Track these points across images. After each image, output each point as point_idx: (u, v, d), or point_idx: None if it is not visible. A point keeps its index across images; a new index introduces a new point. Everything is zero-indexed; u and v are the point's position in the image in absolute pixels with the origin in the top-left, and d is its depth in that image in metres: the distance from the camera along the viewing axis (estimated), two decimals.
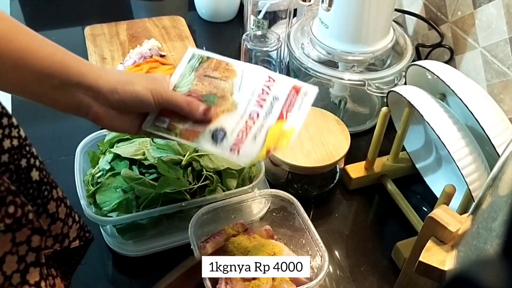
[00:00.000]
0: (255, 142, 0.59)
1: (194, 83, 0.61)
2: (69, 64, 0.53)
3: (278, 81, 0.61)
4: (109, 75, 0.56)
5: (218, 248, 0.67)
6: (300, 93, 0.61)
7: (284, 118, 0.59)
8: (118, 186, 0.69)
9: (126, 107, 0.57)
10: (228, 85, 0.61)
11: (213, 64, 0.63)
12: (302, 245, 0.69)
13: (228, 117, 0.60)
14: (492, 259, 0.31)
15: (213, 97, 0.60)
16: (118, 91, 0.55)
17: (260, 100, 0.60)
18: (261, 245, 0.66)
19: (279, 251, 0.67)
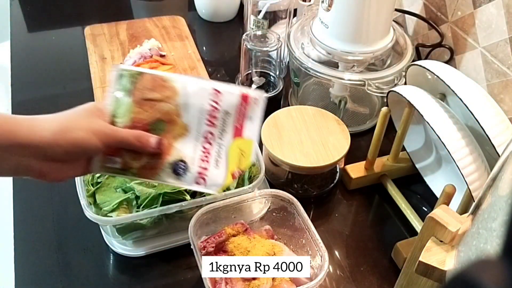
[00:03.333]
0: (219, 168, 0.57)
1: (134, 110, 0.55)
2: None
3: (224, 93, 0.57)
4: (42, 127, 0.49)
5: (218, 248, 0.67)
6: (249, 101, 0.57)
7: (240, 134, 0.57)
8: (118, 186, 0.69)
9: (70, 156, 0.52)
10: (172, 106, 0.55)
11: (149, 82, 0.56)
12: (302, 245, 0.69)
13: (183, 144, 0.56)
14: (492, 259, 0.31)
15: (161, 124, 0.55)
16: (59, 143, 0.49)
17: (211, 118, 0.57)
18: (261, 245, 0.66)
19: (279, 251, 0.67)
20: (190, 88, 0.56)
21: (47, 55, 1.11)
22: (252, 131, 0.58)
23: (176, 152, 0.56)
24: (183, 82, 0.56)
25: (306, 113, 0.85)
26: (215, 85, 0.57)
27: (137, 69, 0.56)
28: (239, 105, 0.57)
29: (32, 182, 0.83)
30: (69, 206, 0.79)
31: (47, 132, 0.49)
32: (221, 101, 0.57)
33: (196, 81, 0.57)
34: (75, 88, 1.03)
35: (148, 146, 0.54)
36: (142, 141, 0.54)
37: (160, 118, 0.56)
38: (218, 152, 0.57)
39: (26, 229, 0.76)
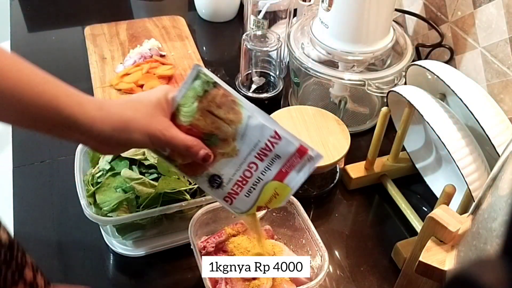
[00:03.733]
0: (248, 198, 0.59)
1: (196, 116, 0.56)
2: (59, 106, 0.48)
3: (283, 139, 0.57)
4: (105, 120, 0.51)
5: (218, 248, 0.67)
6: (304, 157, 0.57)
7: (282, 179, 0.58)
8: (118, 186, 0.69)
9: (124, 149, 0.56)
10: (231, 129, 0.56)
11: (219, 97, 0.56)
12: (302, 245, 0.69)
13: (227, 163, 0.57)
14: (492, 259, 0.31)
15: (215, 138, 0.57)
16: (114, 138, 0.52)
17: (262, 154, 0.57)
18: (261, 245, 0.66)
19: (279, 251, 0.67)
20: (254, 121, 0.56)
21: (47, 55, 1.11)
22: (294, 182, 0.58)
23: (217, 166, 0.58)
24: (251, 112, 0.56)
25: (306, 113, 0.85)
26: (278, 128, 0.57)
27: (215, 79, 0.56)
28: (292, 155, 0.57)
29: (32, 181, 0.84)
30: (69, 206, 0.79)
31: (107, 127, 0.51)
32: (277, 145, 0.57)
33: (262, 117, 0.57)
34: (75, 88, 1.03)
35: (195, 158, 0.56)
36: (191, 152, 0.56)
37: (216, 134, 0.57)
38: (255, 184, 0.58)
39: (26, 229, 0.76)
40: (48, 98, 0.48)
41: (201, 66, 0.56)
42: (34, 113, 0.48)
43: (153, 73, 0.99)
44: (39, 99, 0.48)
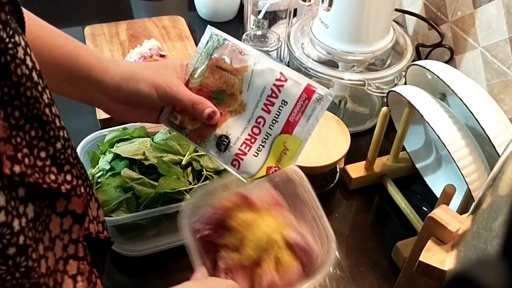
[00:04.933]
0: (257, 158, 0.56)
1: (205, 75, 0.57)
2: (78, 57, 0.53)
3: (290, 81, 0.54)
4: (116, 69, 0.55)
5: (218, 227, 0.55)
6: (312, 98, 0.53)
7: (291, 131, 0.54)
8: (118, 186, 0.69)
9: (133, 104, 0.57)
10: (237, 81, 0.56)
11: (227, 51, 0.57)
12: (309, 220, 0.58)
13: (235, 121, 0.56)
14: (492, 259, 0.31)
15: (223, 95, 0.56)
16: (123, 89, 0.55)
17: (268, 103, 0.55)
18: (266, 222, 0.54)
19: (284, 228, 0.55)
20: (259, 66, 0.55)
21: None
22: (305, 132, 0.54)
23: (225, 126, 0.57)
24: (257, 58, 0.56)
25: None
26: (284, 69, 0.54)
27: (224, 36, 0.57)
28: (299, 98, 0.53)
29: None
30: None
31: (117, 75, 0.54)
32: (283, 88, 0.54)
33: (268, 61, 0.55)
34: None
35: (200, 115, 0.56)
36: (196, 109, 0.56)
37: (224, 90, 0.56)
38: (263, 141, 0.55)
39: None
40: (68, 49, 0.52)
41: (213, 28, 0.57)
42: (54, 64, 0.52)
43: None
44: (59, 49, 0.52)
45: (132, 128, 0.77)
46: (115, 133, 0.76)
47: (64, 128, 0.43)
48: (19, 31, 0.37)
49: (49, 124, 0.39)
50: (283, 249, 0.55)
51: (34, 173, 0.36)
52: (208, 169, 0.72)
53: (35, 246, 0.37)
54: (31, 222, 0.36)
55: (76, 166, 0.45)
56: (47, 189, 0.39)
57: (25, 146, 0.36)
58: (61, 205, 0.42)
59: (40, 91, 0.39)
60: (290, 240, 0.55)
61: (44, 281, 0.38)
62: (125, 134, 0.75)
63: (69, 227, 0.43)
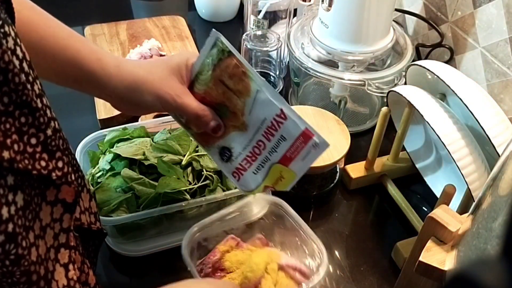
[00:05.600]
0: (256, 176, 0.58)
1: (210, 85, 0.56)
2: (81, 61, 0.52)
3: (289, 120, 0.55)
4: (119, 77, 0.54)
5: (215, 268, 0.65)
6: (309, 143, 0.54)
7: (287, 164, 0.56)
8: (118, 186, 0.69)
9: (136, 110, 0.58)
10: (240, 103, 0.56)
11: (231, 67, 0.55)
12: (298, 245, 0.68)
13: (237, 137, 0.57)
14: (492, 259, 0.31)
15: (225, 110, 0.57)
16: (126, 97, 0.54)
17: (269, 133, 0.56)
18: (257, 255, 0.65)
19: (276, 257, 0.65)
20: (262, 96, 0.55)
21: None
22: (299, 168, 0.56)
23: (229, 139, 0.58)
24: (259, 86, 0.55)
25: (306, 113, 0.85)
26: (284, 107, 0.54)
27: (230, 48, 0.55)
28: (297, 139, 0.54)
29: None
30: None
31: (120, 85, 0.54)
32: (283, 125, 0.55)
33: (270, 92, 0.55)
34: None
35: (204, 127, 0.57)
36: (201, 122, 0.56)
37: (227, 105, 0.56)
38: (263, 162, 0.57)
39: None
40: (71, 52, 0.52)
41: (219, 34, 0.56)
42: (58, 67, 0.52)
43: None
44: (62, 53, 0.51)
45: (132, 128, 0.77)
46: (115, 133, 0.76)
47: (55, 119, 0.43)
48: (8, 22, 0.37)
49: (38, 111, 0.38)
50: (279, 272, 0.64)
51: (23, 160, 0.36)
52: (208, 169, 0.72)
53: (25, 234, 0.37)
54: (21, 210, 0.36)
55: (68, 156, 0.45)
56: (37, 177, 0.39)
57: (14, 132, 0.36)
58: (51, 193, 0.42)
59: (30, 81, 0.39)
60: (282, 262, 0.64)
61: (35, 269, 0.38)
62: (125, 134, 0.75)
63: (59, 216, 0.43)
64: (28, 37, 0.49)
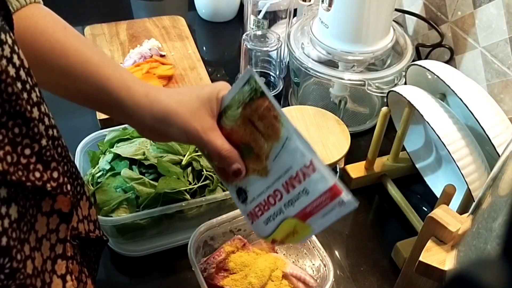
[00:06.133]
0: (266, 226, 0.55)
1: (238, 122, 0.54)
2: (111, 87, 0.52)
3: (317, 173, 0.50)
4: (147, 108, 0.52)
5: (219, 268, 0.66)
6: (334, 200, 0.49)
7: (304, 219, 0.51)
8: (118, 186, 0.69)
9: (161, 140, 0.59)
10: (266, 147, 0.53)
11: (262, 109, 0.52)
12: (304, 255, 0.69)
13: (256, 181, 0.55)
14: (492, 259, 0.31)
15: (250, 151, 0.54)
16: (154, 128, 0.53)
17: (290, 184, 0.52)
18: (263, 259, 0.65)
19: (282, 265, 0.66)
20: (291, 144, 0.51)
21: None
22: (318, 224, 0.51)
23: (246, 181, 0.56)
24: (290, 134, 0.51)
25: (306, 113, 0.85)
26: (314, 157, 0.50)
27: (263, 88, 0.52)
28: (322, 195, 0.49)
29: None
30: None
31: (148, 114, 0.53)
32: (308, 177, 0.50)
33: (301, 141, 0.51)
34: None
35: (227, 169, 0.55)
36: (224, 163, 0.55)
37: (252, 147, 0.54)
38: (275, 214, 0.54)
39: None
40: (100, 79, 0.51)
41: (254, 72, 0.53)
42: (87, 92, 0.52)
43: (153, 73, 0.99)
44: (91, 79, 0.51)
45: (132, 128, 0.77)
46: (115, 133, 0.76)
47: (54, 126, 0.42)
48: (5, 29, 0.37)
49: (33, 121, 0.38)
50: (282, 281, 0.64)
51: (17, 171, 0.36)
52: (208, 169, 0.72)
53: (20, 247, 0.36)
54: (15, 223, 0.36)
55: (67, 165, 0.45)
56: (32, 188, 0.38)
57: (7, 143, 0.35)
58: (46, 204, 0.42)
59: (28, 89, 0.39)
60: (287, 271, 0.64)
61: (31, 282, 0.38)
62: (125, 134, 0.75)
63: (56, 226, 0.43)
64: (57, 60, 0.50)
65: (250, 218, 0.56)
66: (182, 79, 1.00)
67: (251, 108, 0.53)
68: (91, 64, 0.51)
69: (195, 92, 0.55)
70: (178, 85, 0.99)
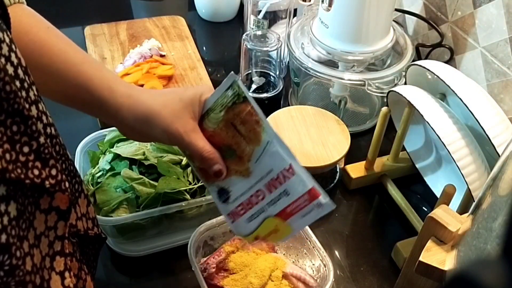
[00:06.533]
0: (248, 224, 0.57)
1: (220, 125, 0.56)
2: (93, 87, 0.52)
3: (296, 177, 0.53)
4: (130, 109, 0.53)
5: (218, 268, 0.66)
6: (313, 202, 0.52)
7: (284, 218, 0.54)
8: (118, 186, 0.69)
9: (145, 140, 0.59)
10: (248, 149, 0.55)
11: (244, 114, 0.54)
12: (304, 254, 0.69)
13: (238, 181, 0.57)
14: (492, 259, 0.31)
15: (232, 153, 0.56)
16: (136, 129, 0.54)
17: (272, 185, 0.55)
18: (263, 259, 0.66)
19: (282, 265, 0.66)
20: (272, 148, 0.54)
21: None
22: (297, 224, 0.54)
23: (228, 181, 0.57)
24: (271, 138, 0.54)
25: (306, 113, 0.85)
26: (294, 163, 0.53)
27: (246, 93, 0.54)
28: (301, 196, 0.53)
29: None
30: None
31: (131, 115, 0.53)
32: (289, 180, 0.53)
33: (281, 146, 0.54)
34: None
35: (208, 169, 0.56)
36: (205, 164, 0.56)
37: (234, 149, 0.56)
38: (258, 213, 0.56)
39: None
40: (82, 79, 0.52)
41: (237, 77, 0.55)
42: (69, 92, 0.52)
43: (153, 73, 0.99)
44: (74, 79, 0.51)
45: None
46: (115, 133, 0.76)
47: (52, 124, 0.43)
48: (3, 28, 0.37)
49: (31, 119, 0.38)
50: (282, 281, 0.64)
51: (16, 169, 0.36)
52: None
53: (19, 244, 0.37)
54: (14, 220, 0.36)
55: (65, 163, 0.45)
56: (30, 186, 0.38)
57: (6, 141, 0.35)
58: (45, 201, 0.42)
59: (26, 87, 0.39)
60: (287, 271, 0.65)
61: (30, 279, 0.38)
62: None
63: (54, 223, 0.43)
64: (40, 59, 0.50)
65: (231, 218, 0.58)
66: (182, 79, 1.00)
67: (233, 112, 0.55)
68: (74, 64, 0.52)
69: (178, 94, 0.55)
70: (178, 85, 0.99)
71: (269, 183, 0.55)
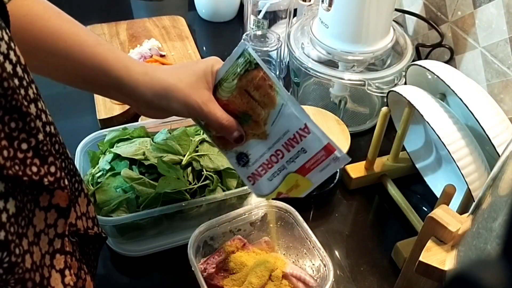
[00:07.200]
0: (271, 182, 0.60)
1: (234, 93, 0.57)
2: (110, 67, 0.53)
3: (312, 135, 0.56)
4: (148, 84, 0.54)
5: (219, 268, 0.66)
6: (329, 157, 0.57)
7: (304, 174, 0.58)
8: (118, 186, 0.69)
9: (162, 116, 0.59)
10: (264, 114, 0.57)
11: (257, 79, 0.56)
12: (303, 254, 0.69)
13: (256, 144, 0.59)
14: (492, 259, 0.31)
15: (248, 118, 0.58)
16: (154, 104, 0.55)
17: (289, 144, 0.58)
18: (263, 260, 0.66)
19: (282, 265, 0.66)
20: (286, 109, 0.56)
21: None
22: (316, 178, 0.58)
23: (247, 145, 0.60)
24: (285, 100, 0.56)
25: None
26: (308, 122, 0.56)
27: (257, 60, 0.56)
28: (318, 153, 0.57)
29: None
30: None
31: (148, 92, 0.54)
32: (305, 138, 0.57)
33: (295, 107, 0.56)
34: None
35: (227, 136, 0.58)
36: (225, 132, 0.58)
37: (250, 114, 0.58)
38: (279, 170, 0.59)
39: None
40: (98, 60, 0.52)
41: (247, 44, 0.57)
42: (85, 74, 0.53)
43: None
44: (90, 61, 0.52)
45: (132, 128, 0.77)
46: (115, 133, 0.76)
47: (51, 123, 0.43)
48: (1, 26, 0.37)
49: (29, 116, 0.38)
50: (282, 280, 0.65)
51: (14, 166, 0.36)
52: (208, 169, 0.72)
53: (18, 242, 0.37)
54: (13, 217, 0.36)
55: (64, 161, 0.45)
56: (29, 183, 0.38)
57: (3, 138, 0.35)
58: (44, 199, 0.42)
59: (24, 85, 0.39)
60: (287, 271, 0.65)
61: (30, 276, 0.38)
62: (125, 134, 0.76)
63: (54, 221, 0.43)
64: (56, 44, 0.51)
65: (251, 180, 0.61)
66: None
67: (246, 79, 0.56)
68: (88, 46, 0.52)
69: (190, 68, 0.57)
70: None
71: (286, 143, 0.58)
